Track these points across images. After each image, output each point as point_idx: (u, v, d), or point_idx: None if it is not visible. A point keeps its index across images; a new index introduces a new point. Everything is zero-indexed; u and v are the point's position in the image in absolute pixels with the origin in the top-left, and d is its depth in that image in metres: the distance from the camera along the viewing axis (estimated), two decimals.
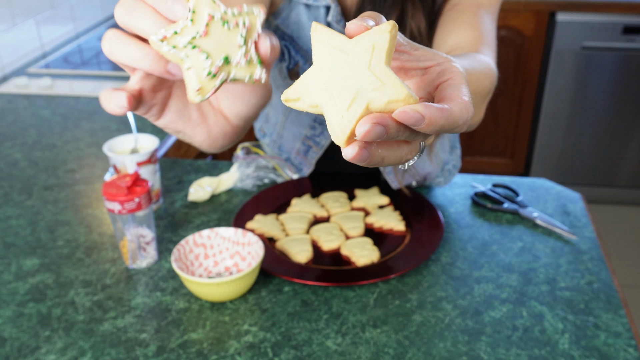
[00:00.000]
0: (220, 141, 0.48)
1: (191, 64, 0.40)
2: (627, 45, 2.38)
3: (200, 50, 0.40)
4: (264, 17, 0.41)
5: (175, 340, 0.75)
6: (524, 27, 2.43)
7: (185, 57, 0.40)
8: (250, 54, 0.41)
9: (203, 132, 0.47)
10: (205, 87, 0.41)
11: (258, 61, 0.42)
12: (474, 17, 0.84)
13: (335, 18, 0.91)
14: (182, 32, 0.40)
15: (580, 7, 2.34)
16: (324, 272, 0.85)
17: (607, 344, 0.74)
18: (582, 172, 2.67)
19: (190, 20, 0.40)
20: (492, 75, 0.71)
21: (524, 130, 2.65)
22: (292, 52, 0.98)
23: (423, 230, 0.93)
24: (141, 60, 0.41)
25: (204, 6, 0.40)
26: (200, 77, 0.41)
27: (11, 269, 0.89)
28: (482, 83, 0.67)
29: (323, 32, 0.38)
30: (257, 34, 0.41)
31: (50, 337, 0.76)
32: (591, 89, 2.48)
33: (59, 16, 2.00)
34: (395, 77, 0.37)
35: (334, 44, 0.38)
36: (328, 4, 0.90)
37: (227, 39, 0.41)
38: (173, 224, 0.98)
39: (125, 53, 0.41)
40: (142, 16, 0.40)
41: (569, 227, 0.96)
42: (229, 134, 0.48)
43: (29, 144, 1.29)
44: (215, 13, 0.40)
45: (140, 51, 0.40)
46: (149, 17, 0.40)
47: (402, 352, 0.73)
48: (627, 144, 2.58)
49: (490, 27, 0.85)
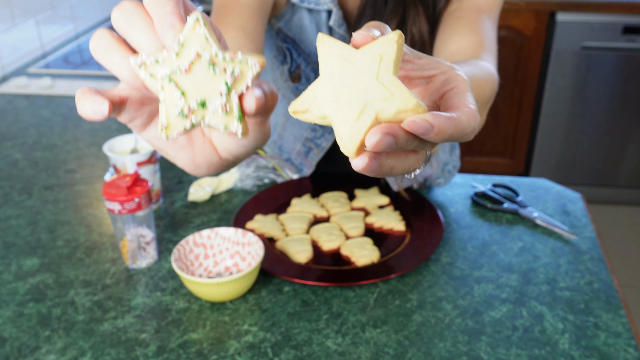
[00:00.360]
0: (204, 169, 0.45)
1: (164, 98, 0.38)
2: (627, 45, 2.38)
3: (177, 86, 0.38)
4: (259, 70, 0.37)
5: (175, 340, 0.75)
6: (524, 27, 2.43)
7: (160, 88, 0.38)
8: (230, 105, 0.38)
9: (186, 157, 0.44)
10: (172, 125, 0.38)
11: (239, 114, 0.38)
12: (475, 23, 0.83)
13: (336, 22, 0.91)
14: (163, 63, 0.37)
15: (580, 7, 2.34)
16: (324, 272, 0.85)
17: (607, 344, 0.74)
18: (582, 172, 2.67)
19: (176, 54, 0.37)
20: (493, 82, 0.72)
21: (524, 130, 2.65)
22: (294, 55, 0.98)
23: (423, 230, 0.93)
24: (119, 69, 0.39)
25: (194, 42, 0.37)
26: (170, 115, 0.38)
27: (11, 269, 0.89)
28: (484, 90, 0.67)
29: (330, 43, 0.38)
30: (246, 86, 0.38)
31: (50, 337, 0.76)
32: (591, 89, 2.48)
33: (59, 16, 2.00)
34: (403, 86, 0.37)
35: (341, 54, 0.38)
36: (330, 8, 0.90)
37: (209, 83, 0.38)
38: (173, 224, 0.98)
39: (107, 57, 0.39)
40: (136, 26, 0.38)
41: (569, 227, 0.96)
42: (215, 165, 0.45)
43: (29, 144, 1.29)
44: (204, 53, 0.37)
45: (121, 60, 0.38)
46: (143, 29, 0.38)
47: (402, 352, 0.73)
48: (627, 144, 2.58)
49: (490, 33, 0.84)
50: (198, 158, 0.44)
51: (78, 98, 0.38)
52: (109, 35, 0.39)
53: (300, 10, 0.93)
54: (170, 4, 0.37)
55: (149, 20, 0.38)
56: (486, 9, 0.86)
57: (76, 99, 0.39)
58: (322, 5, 0.90)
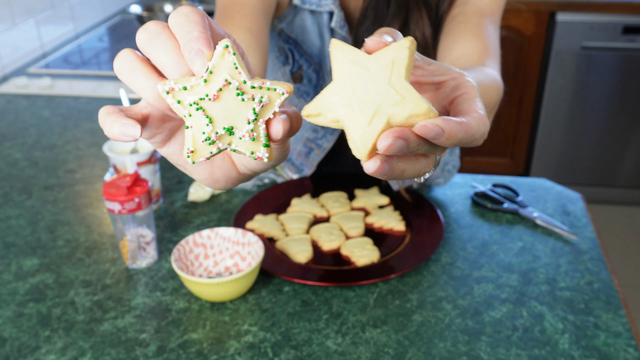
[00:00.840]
0: (222, 183, 0.45)
1: (192, 124, 0.38)
2: (627, 45, 2.38)
3: (205, 113, 0.38)
4: (287, 97, 0.38)
5: (175, 340, 0.75)
6: (524, 27, 2.43)
7: (187, 115, 0.38)
8: (257, 132, 0.38)
9: (205, 172, 0.44)
10: (198, 151, 0.38)
11: (265, 141, 0.38)
12: (478, 28, 0.83)
13: (338, 24, 0.91)
14: (191, 90, 0.37)
15: (580, 7, 2.34)
16: (324, 272, 0.85)
17: (607, 343, 0.74)
18: (582, 172, 2.67)
19: (204, 80, 0.37)
20: (498, 89, 0.72)
21: (524, 130, 2.65)
22: (296, 56, 0.98)
23: (423, 230, 0.93)
24: (145, 91, 0.38)
25: (223, 70, 0.37)
26: (196, 140, 0.38)
27: (11, 269, 0.89)
28: (490, 96, 0.68)
29: (343, 49, 0.39)
30: (274, 112, 0.38)
31: (50, 337, 0.76)
32: (591, 89, 2.48)
33: (59, 16, 2.00)
34: (415, 91, 0.38)
35: (354, 60, 0.39)
36: (331, 10, 0.90)
37: (237, 110, 0.38)
38: (173, 224, 0.98)
39: (132, 79, 0.38)
40: (162, 48, 0.37)
41: (569, 227, 0.96)
42: (233, 180, 0.45)
43: (29, 144, 1.29)
44: (233, 81, 0.37)
45: (146, 82, 0.38)
46: (168, 53, 0.37)
47: (402, 352, 0.73)
48: (627, 144, 2.58)
49: (494, 37, 0.85)
50: (217, 173, 0.44)
51: (105, 119, 0.38)
52: (134, 56, 0.38)
53: (303, 11, 0.93)
54: (198, 28, 0.36)
55: (175, 43, 0.37)
56: (489, 13, 0.86)
57: (102, 120, 0.38)
58: (324, 7, 0.90)
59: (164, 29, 0.38)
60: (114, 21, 2.24)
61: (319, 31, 0.94)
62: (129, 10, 1.84)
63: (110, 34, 2.11)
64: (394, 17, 0.88)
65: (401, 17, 0.88)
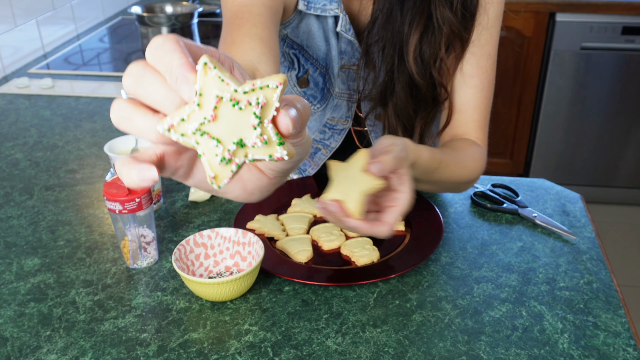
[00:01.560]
0: (256, 195, 0.45)
1: (203, 150, 0.37)
2: (626, 46, 2.38)
3: (210, 136, 0.37)
4: (282, 88, 0.37)
5: (176, 340, 0.75)
6: (523, 27, 2.43)
7: (196, 143, 0.37)
8: (267, 134, 0.37)
9: (237, 189, 0.43)
10: (219, 174, 0.38)
11: (278, 140, 0.37)
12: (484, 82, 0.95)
13: (344, 27, 0.92)
14: (189, 119, 0.37)
15: (580, 7, 2.35)
16: (324, 272, 0.85)
17: (607, 343, 0.74)
18: (582, 172, 2.67)
19: (197, 105, 0.36)
20: (474, 168, 0.92)
21: (524, 131, 2.65)
22: (302, 60, 0.98)
23: (423, 230, 0.93)
24: (147, 133, 0.38)
25: (211, 87, 0.36)
26: (213, 165, 0.37)
27: (12, 268, 0.89)
28: (455, 175, 0.87)
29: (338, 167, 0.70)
30: (276, 109, 0.37)
31: (51, 336, 0.76)
32: (590, 90, 2.49)
33: (60, 17, 2.00)
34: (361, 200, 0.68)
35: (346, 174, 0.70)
36: (337, 14, 0.91)
37: (239, 121, 0.37)
38: (174, 223, 0.99)
39: (131, 125, 0.38)
40: (150, 87, 0.37)
41: (569, 227, 0.96)
42: (267, 187, 0.45)
43: (30, 144, 1.29)
44: (224, 94, 0.36)
45: (145, 125, 0.38)
46: (157, 89, 0.37)
47: (402, 352, 0.73)
48: (627, 144, 2.58)
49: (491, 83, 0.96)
50: (249, 187, 0.44)
51: (121, 171, 0.38)
52: (126, 104, 0.38)
53: (308, 16, 0.93)
54: (177, 56, 0.36)
55: (160, 78, 0.37)
56: (493, 53, 0.94)
57: (119, 171, 0.38)
58: (329, 11, 0.91)
59: (145, 67, 0.37)
60: (114, 22, 2.24)
61: (324, 35, 0.95)
62: (129, 11, 1.85)
63: (111, 35, 2.12)
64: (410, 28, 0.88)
65: (420, 24, 0.88)
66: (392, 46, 0.90)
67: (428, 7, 0.88)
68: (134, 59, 1.86)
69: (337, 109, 1.02)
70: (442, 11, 0.87)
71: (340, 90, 0.99)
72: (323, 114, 1.04)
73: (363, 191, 0.68)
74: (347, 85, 0.99)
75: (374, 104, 0.96)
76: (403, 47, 0.90)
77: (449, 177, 0.86)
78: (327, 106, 1.02)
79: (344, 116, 1.03)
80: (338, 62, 0.96)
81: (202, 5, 2.15)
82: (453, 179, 0.87)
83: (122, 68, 1.79)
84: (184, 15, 1.80)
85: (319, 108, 1.03)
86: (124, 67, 1.79)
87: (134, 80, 0.37)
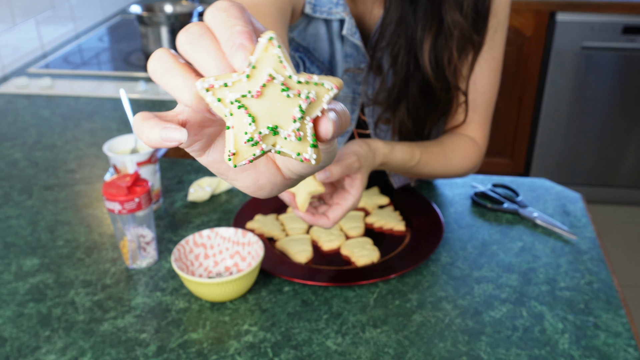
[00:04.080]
0: (267, 190, 0.42)
1: (233, 124, 0.35)
2: (627, 45, 2.38)
3: (247, 112, 0.35)
4: (336, 92, 0.35)
5: (175, 340, 0.75)
6: (524, 27, 2.43)
7: (229, 114, 0.35)
8: (304, 131, 0.35)
9: (248, 179, 0.41)
10: (240, 153, 0.35)
11: (313, 141, 0.35)
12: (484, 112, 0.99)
13: (349, 31, 0.91)
14: (232, 86, 0.34)
15: (580, 7, 2.34)
16: (324, 272, 0.85)
17: (607, 343, 0.74)
18: (582, 172, 2.67)
19: (247, 76, 0.34)
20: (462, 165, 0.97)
21: (524, 130, 2.65)
22: (307, 63, 0.98)
23: (423, 230, 0.93)
24: (182, 92, 0.35)
25: (267, 65, 0.34)
26: (238, 142, 0.35)
27: (11, 269, 0.89)
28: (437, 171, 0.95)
29: None
30: (322, 110, 0.35)
31: (50, 337, 0.76)
32: (591, 89, 2.48)
33: (59, 16, 2.00)
34: None
35: None
36: (342, 17, 0.91)
37: (281, 107, 0.35)
38: (173, 224, 0.98)
39: (168, 79, 0.36)
40: (204, 49, 0.35)
41: (569, 227, 0.96)
42: (278, 186, 0.42)
43: (29, 144, 1.29)
44: (278, 76, 0.34)
45: (184, 82, 0.35)
46: (211, 53, 0.35)
47: (402, 352, 0.73)
48: (627, 144, 2.58)
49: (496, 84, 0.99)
50: (261, 179, 0.41)
51: (142, 125, 0.35)
52: (169, 56, 0.36)
53: (316, 20, 0.93)
54: (240, 23, 0.35)
55: (217, 44, 0.35)
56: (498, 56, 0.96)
57: (139, 126, 0.36)
58: (335, 14, 0.91)
59: (206, 30, 0.36)
60: (114, 21, 2.24)
61: (329, 38, 0.95)
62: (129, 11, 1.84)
63: (110, 34, 2.11)
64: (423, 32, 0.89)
65: (433, 29, 0.89)
66: (405, 52, 0.91)
67: (439, 11, 0.89)
68: (134, 58, 1.86)
69: None
70: (452, 15, 0.88)
71: (344, 94, 0.99)
72: None
73: (308, 192, 0.80)
74: (352, 89, 0.99)
75: (385, 108, 0.97)
76: (417, 52, 0.91)
77: (429, 172, 0.95)
78: None
79: None
80: (343, 65, 0.96)
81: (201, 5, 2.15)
82: (435, 174, 0.96)
83: (121, 68, 1.79)
84: (184, 14, 1.80)
85: None
86: (123, 67, 1.79)
87: (191, 38, 0.36)
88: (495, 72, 0.97)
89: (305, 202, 0.80)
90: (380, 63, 0.94)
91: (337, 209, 0.81)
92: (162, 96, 1.55)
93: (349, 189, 0.82)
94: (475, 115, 0.98)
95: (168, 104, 1.52)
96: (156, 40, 1.80)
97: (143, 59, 1.85)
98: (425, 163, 0.92)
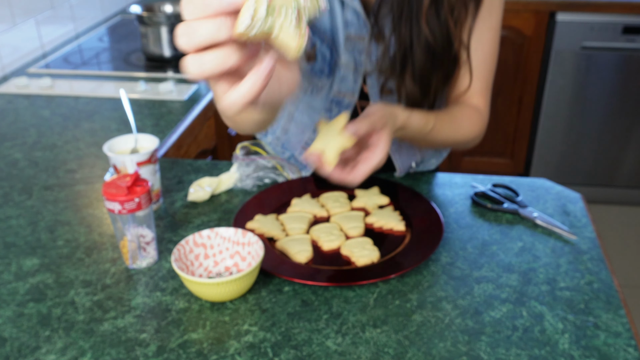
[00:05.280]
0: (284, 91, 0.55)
1: (280, 27, 0.45)
2: (627, 45, 2.38)
3: (278, 11, 0.44)
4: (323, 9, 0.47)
5: (176, 340, 0.75)
6: (524, 27, 2.43)
7: (271, 27, 0.45)
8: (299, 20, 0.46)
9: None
10: (298, 43, 0.46)
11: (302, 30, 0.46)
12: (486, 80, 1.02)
13: None
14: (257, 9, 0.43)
15: (580, 7, 2.35)
16: (324, 272, 0.85)
17: (607, 343, 0.74)
18: (582, 172, 2.67)
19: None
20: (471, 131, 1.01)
21: (524, 131, 2.65)
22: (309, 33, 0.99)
23: (423, 230, 0.93)
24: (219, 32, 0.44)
25: None
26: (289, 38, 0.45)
27: (11, 269, 0.89)
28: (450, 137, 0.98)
29: None
30: None
31: (50, 337, 0.76)
32: (591, 89, 2.48)
33: (59, 16, 2.00)
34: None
35: None
36: None
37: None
38: (173, 224, 0.98)
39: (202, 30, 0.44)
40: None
41: (569, 227, 0.96)
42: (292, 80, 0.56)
43: (29, 144, 1.29)
44: None
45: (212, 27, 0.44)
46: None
47: (402, 352, 0.73)
48: (627, 144, 2.58)
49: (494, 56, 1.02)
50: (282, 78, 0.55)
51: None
52: (188, 22, 0.45)
53: None
54: None
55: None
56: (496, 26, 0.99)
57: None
58: None
59: None
60: (114, 21, 2.24)
61: (331, 6, 0.96)
62: (129, 11, 1.84)
63: (110, 34, 2.11)
64: None
65: None
66: (408, 16, 0.93)
67: None
68: (134, 58, 1.85)
69: (344, 81, 1.02)
70: None
71: (346, 61, 1.00)
72: (330, 90, 1.04)
73: (338, 147, 0.80)
74: (354, 57, 0.99)
75: (389, 75, 0.98)
76: (418, 14, 0.93)
77: (442, 139, 0.98)
78: (335, 80, 1.03)
79: (350, 89, 1.03)
80: (343, 31, 0.97)
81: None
82: (446, 141, 1.00)
83: (121, 67, 1.79)
84: None
85: (326, 83, 1.03)
86: (123, 67, 1.79)
87: None
88: (493, 41, 1.00)
89: (334, 158, 0.80)
90: (382, 30, 0.95)
91: (365, 164, 0.81)
92: (162, 96, 1.55)
93: (375, 144, 0.82)
94: (477, 84, 1.01)
95: (168, 104, 1.52)
96: (156, 40, 1.80)
97: (143, 59, 1.85)
98: (439, 130, 0.95)
